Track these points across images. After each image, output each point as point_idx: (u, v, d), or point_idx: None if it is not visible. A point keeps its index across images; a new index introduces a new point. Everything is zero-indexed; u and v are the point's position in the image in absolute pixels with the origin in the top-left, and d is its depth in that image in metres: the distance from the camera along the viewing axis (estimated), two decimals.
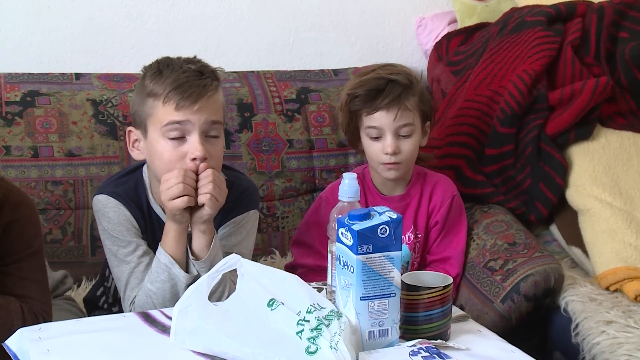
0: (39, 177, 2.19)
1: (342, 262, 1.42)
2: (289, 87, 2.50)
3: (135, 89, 1.80)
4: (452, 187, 2.09)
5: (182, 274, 1.72)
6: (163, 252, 1.72)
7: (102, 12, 2.46)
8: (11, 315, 1.55)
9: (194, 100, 1.69)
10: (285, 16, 2.65)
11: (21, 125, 2.20)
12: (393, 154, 1.94)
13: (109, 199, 1.79)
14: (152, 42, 2.48)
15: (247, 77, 2.49)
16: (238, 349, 1.37)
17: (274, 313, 1.39)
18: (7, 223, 1.61)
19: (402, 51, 2.78)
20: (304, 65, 2.65)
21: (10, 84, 2.25)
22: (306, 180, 2.44)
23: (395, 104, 1.93)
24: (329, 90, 2.53)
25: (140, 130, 1.74)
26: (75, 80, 2.33)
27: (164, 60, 1.76)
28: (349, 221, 1.41)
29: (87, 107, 2.27)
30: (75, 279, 2.10)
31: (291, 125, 2.44)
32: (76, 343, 1.42)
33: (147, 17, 2.50)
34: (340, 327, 1.36)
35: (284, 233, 2.42)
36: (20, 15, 2.38)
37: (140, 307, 1.73)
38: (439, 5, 2.80)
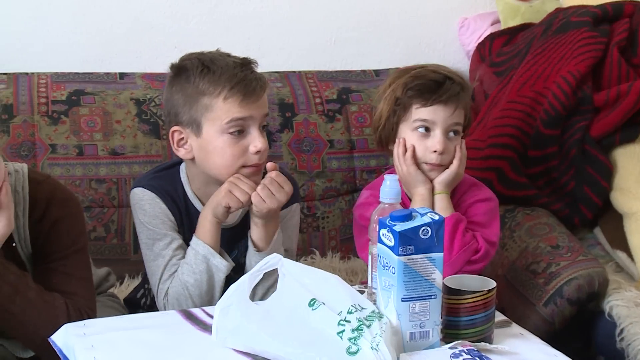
0: (83, 175, 2.22)
1: (383, 263, 1.42)
2: (330, 87, 2.50)
3: (173, 87, 1.78)
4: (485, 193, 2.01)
5: (223, 262, 1.73)
6: (201, 243, 1.74)
7: (146, 13, 2.48)
8: (56, 311, 1.57)
9: (257, 96, 1.73)
10: (327, 16, 2.65)
11: (67, 124, 2.23)
12: (442, 152, 1.86)
13: (145, 192, 1.81)
14: (194, 42, 2.49)
15: (289, 77, 2.50)
16: (279, 348, 1.37)
17: (315, 313, 1.39)
18: (54, 221, 1.64)
19: (444, 52, 2.76)
20: (345, 66, 2.65)
21: (57, 83, 2.28)
22: (347, 180, 2.44)
23: (453, 101, 1.86)
24: (370, 91, 2.52)
25: (190, 128, 1.75)
26: (120, 79, 2.36)
27: (203, 57, 1.77)
28: (391, 222, 1.40)
29: (131, 106, 2.30)
30: (118, 276, 2.12)
31: (332, 126, 2.44)
32: (120, 339, 1.44)
33: (190, 17, 2.52)
34: (381, 328, 1.36)
35: (324, 233, 2.42)
36: (67, 16, 2.42)
37: (175, 299, 1.75)
38: (482, 5, 2.78)
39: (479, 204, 1.91)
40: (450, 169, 1.87)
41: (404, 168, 1.88)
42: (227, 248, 1.79)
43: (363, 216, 1.87)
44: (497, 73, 2.54)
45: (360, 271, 2.30)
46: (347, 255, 2.41)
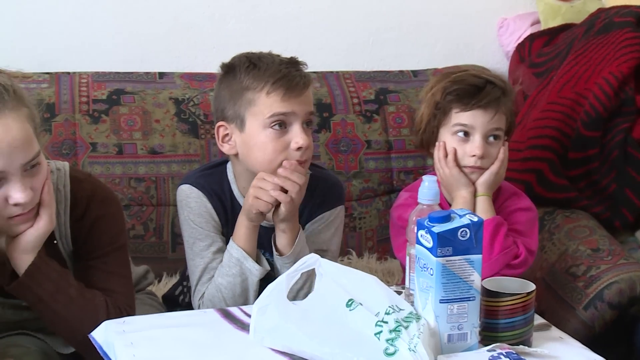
0: (122, 174, 2.24)
1: (421, 264, 1.41)
2: (368, 87, 2.50)
3: (221, 84, 1.81)
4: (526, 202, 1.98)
5: (256, 267, 1.74)
6: (235, 246, 1.75)
7: (186, 13, 2.50)
8: (96, 308, 1.58)
9: (299, 92, 1.73)
10: (365, 17, 2.65)
11: (107, 123, 2.25)
12: (480, 157, 1.86)
13: (192, 189, 1.82)
14: (233, 42, 2.51)
15: (327, 77, 2.50)
16: (316, 348, 1.37)
17: (352, 313, 1.39)
18: (94, 219, 1.65)
19: (483, 52, 2.74)
20: (384, 66, 2.64)
21: (98, 82, 2.31)
22: (384, 181, 2.44)
23: (493, 105, 1.85)
24: (408, 91, 2.51)
25: (235, 124, 1.77)
26: (159, 79, 2.37)
27: (251, 55, 1.79)
28: (429, 223, 1.40)
29: (170, 105, 2.31)
30: (156, 274, 2.13)
31: (369, 126, 2.44)
32: (158, 337, 1.45)
33: (229, 17, 2.54)
34: (419, 330, 1.35)
35: (360, 234, 2.42)
36: (109, 16, 2.44)
37: (209, 301, 1.76)
38: (522, 5, 2.75)
39: (520, 212, 1.91)
40: (490, 169, 1.86)
41: (446, 171, 1.87)
42: (270, 246, 1.80)
43: (401, 217, 1.86)
44: (537, 74, 2.52)
45: (397, 272, 2.29)
46: (383, 256, 2.41)
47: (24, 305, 1.62)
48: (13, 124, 1.48)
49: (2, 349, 1.61)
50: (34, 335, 1.69)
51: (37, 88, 2.22)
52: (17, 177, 1.49)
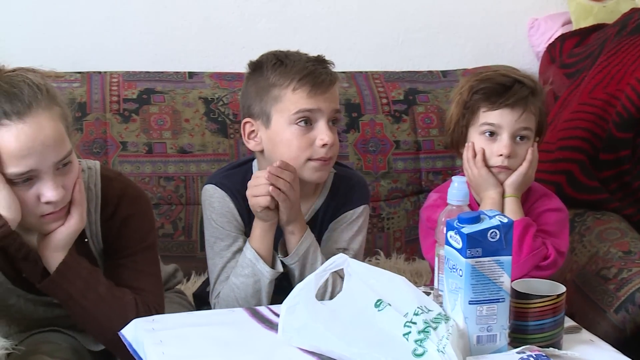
0: (152, 173, 2.26)
1: (450, 265, 1.41)
2: (397, 87, 2.49)
3: (248, 82, 1.82)
4: (556, 203, 1.96)
5: (267, 269, 1.74)
6: (249, 247, 1.76)
7: (216, 13, 2.51)
8: (126, 306, 1.59)
9: (325, 89, 1.74)
10: (394, 17, 2.64)
11: (137, 122, 2.27)
12: (507, 156, 1.85)
13: (216, 189, 1.83)
14: (262, 42, 2.50)
15: (356, 77, 2.50)
16: (345, 348, 1.37)
17: (381, 314, 1.39)
18: (124, 217, 1.66)
19: (513, 53, 2.73)
20: (413, 66, 2.63)
21: (128, 81, 2.32)
22: (412, 181, 2.43)
23: (521, 104, 1.84)
24: (438, 92, 2.51)
25: (261, 120, 1.78)
26: (189, 79, 2.39)
27: (279, 53, 1.81)
28: (459, 224, 1.39)
29: (199, 105, 2.32)
30: (185, 273, 2.14)
31: (398, 126, 2.43)
32: (187, 335, 1.46)
33: (259, 17, 2.54)
34: (448, 331, 1.35)
35: (389, 234, 2.41)
36: (140, 16, 2.46)
37: (223, 300, 1.77)
38: (553, 6, 2.73)
39: (550, 213, 1.89)
40: (519, 170, 1.85)
41: (475, 171, 1.86)
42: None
43: (430, 218, 1.86)
44: (567, 74, 2.50)
45: (425, 273, 2.28)
46: (411, 256, 2.40)
47: (55, 302, 1.63)
48: (46, 122, 1.50)
49: (34, 346, 1.63)
50: (65, 332, 1.70)
51: (68, 87, 2.24)
52: (49, 176, 1.51)
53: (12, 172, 1.48)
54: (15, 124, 1.47)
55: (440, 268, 1.48)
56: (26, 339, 1.66)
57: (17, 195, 1.49)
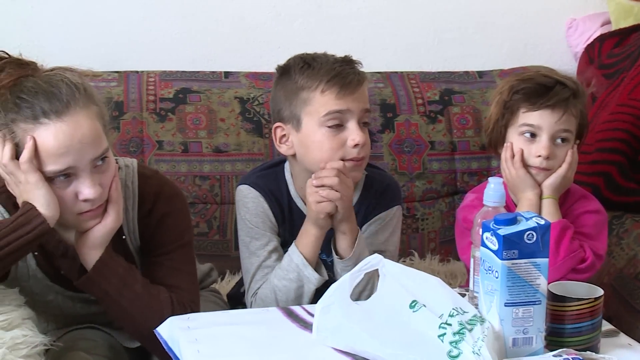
0: (188, 172, 2.27)
1: (486, 267, 1.40)
2: (433, 88, 2.48)
3: (277, 86, 1.83)
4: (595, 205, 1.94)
5: (315, 275, 1.74)
6: (297, 252, 1.76)
7: (251, 13, 2.52)
8: (161, 304, 1.60)
9: (353, 89, 1.74)
10: (430, 17, 2.63)
11: (173, 121, 2.28)
12: (546, 158, 1.83)
13: (250, 190, 1.84)
14: (297, 42, 2.52)
15: (391, 77, 2.49)
16: (379, 348, 1.37)
17: (415, 315, 1.38)
18: (161, 215, 1.68)
19: (551, 53, 2.71)
20: (448, 67, 2.62)
21: (165, 81, 2.34)
22: (447, 182, 2.42)
23: (562, 106, 1.82)
24: (473, 92, 2.49)
25: (291, 124, 1.78)
26: (224, 78, 2.40)
27: (306, 56, 1.81)
28: (495, 225, 1.38)
29: (235, 104, 2.33)
30: (220, 272, 2.15)
31: (433, 127, 2.42)
32: (222, 334, 1.46)
33: (295, 17, 2.55)
34: (483, 333, 1.34)
35: (423, 235, 2.41)
36: (177, 16, 2.48)
37: (261, 300, 1.77)
38: (592, 5, 2.71)
39: (588, 215, 1.87)
40: (557, 172, 1.83)
41: (512, 171, 1.85)
42: (327, 248, 1.80)
43: (466, 219, 1.85)
44: (606, 75, 2.47)
45: (460, 274, 2.27)
46: (446, 257, 2.39)
47: (93, 299, 1.65)
48: (83, 121, 1.51)
49: (72, 342, 1.64)
50: (102, 329, 1.72)
51: (106, 86, 2.26)
52: (86, 173, 1.52)
53: (51, 169, 1.50)
54: (54, 122, 1.49)
55: (476, 269, 1.48)
56: (64, 336, 1.68)
57: (55, 193, 1.51)
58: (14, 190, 1.54)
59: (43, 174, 1.50)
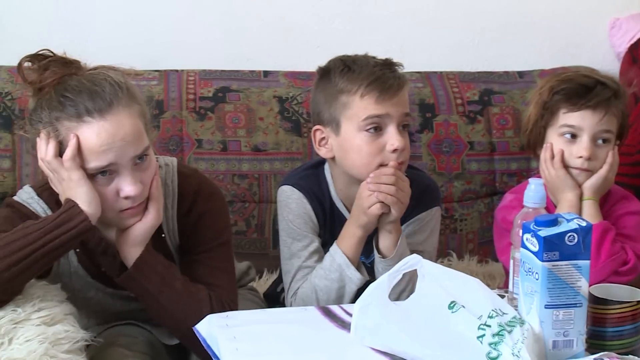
0: (226, 170, 2.28)
1: (526, 268, 1.39)
2: (472, 88, 2.47)
3: (317, 88, 1.83)
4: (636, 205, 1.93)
5: (357, 276, 1.74)
6: (340, 252, 1.76)
7: (291, 12, 2.53)
8: (200, 302, 1.61)
9: (393, 94, 1.73)
10: (471, 17, 2.62)
11: (212, 120, 2.29)
12: (587, 159, 1.82)
13: (293, 190, 1.84)
14: (337, 41, 2.52)
15: (430, 77, 2.48)
16: (418, 349, 1.36)
17: (454, 316, 1.37)
18: (200, 214, 1.69)
19: (593, 53, 2.67)
20: (488, 67, 2.60)
21: (205, 80, 2.35)
22: (486, 183, 2.41)
23: (603, 106, 1.81)
24: (513, 93, 2.47)
25: (331, 127, 1.78)
26: (264, 77, 2.40)
27: (346, 58, 1.81)
28: (535, 227, 1.37)
29: (274, 103, 2.34)
30: (257, 271, 2.16)
31: (473, 127, 2.41)
32: (260, 332, 1.47)
33: (334, 16, 2.55)
34: (523, 335, 1.33)
35: (461, 236, 2.39)
36: (216, 15, 2.49)
37: (301, 300, 1.78)
38: (637, 5, 2.67)
39: (630, 216, 1.85)
40: (598, 173, 1.81)
41: (552, 172, 1.83)
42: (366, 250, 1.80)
43: (505, 219, 1.84)
44: None
45: (498, 275, 2.26)
46: (484, 258, 2.38)
47: (132, 296, 1.66)
48: (125, 120, 1.53)
49: (112, 338, 1.66)
50: (141, 325, 1.74)
51: (147, 85, 2.28)
52: (127, 170, 1.54)
53: (93, 166, 1.52)
54: (97, 121, 1.51)
55: (516, 271, 1.47)
56: (104, 332, 1.70)
57: (97, 191, 1.53)
58: (57, 188, 1.56)
59: (85, 171, 1.52)
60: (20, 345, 1.46)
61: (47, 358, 1.45)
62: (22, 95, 2.13)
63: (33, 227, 1.50)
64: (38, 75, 1.54)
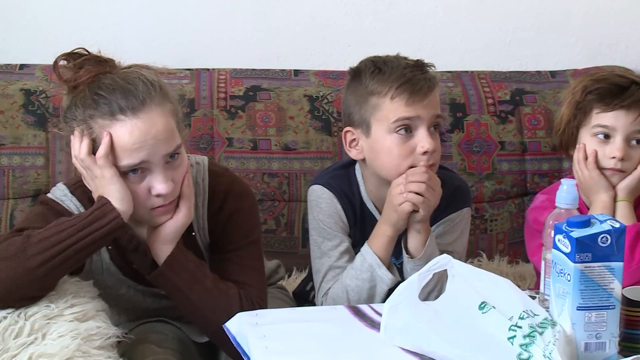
0: (256, 169, 2.28)
1: (557, 269, 1.38)
2: (504, 88, 2.45)
3: (348, 89, 1.83)
4: None
5: (389, 276, 1.74)
6: (370, 252, 1.76)
7: (322, 11, 2.53)
8: (230, 300, 1.62)
9: (423, 95, 1.73)
10: (503, 16, 2.60)
11: (243, 119, 2.30)
12: (621, 159, 1.80)
13: (324, 190, 1.84)
14: (368, 40, 2.52)
15: (461, 77, 2.47)
16: (448, 349, 1.36)
17: (485, 316, 1.36)
18: (231, 212, 1.70)
19: (627, 53, 2.64)
20: (520, 66, 2.59)
21: (235, 78, 2.36)
22: (517, 183, 2.39)
23: (637, 106, 1.78)
24: (545, 93, 2.45)
25: (361, 129, 1.78)
26: (294, 76, 2.40)
27: (377, 59, 1.80)
28: (567, 228, 1.36)
29: (304, 102, 2.34)
30: (287, 269, 2.17)
31: (504, 127, 2.39)
32: (290, 331, 1.47)
33: (365, 15, 2.54)
34: (555, 336, 1.32)
35: (491, 236, 2.38)
36: (247, 14, 2.50)
37: (332, 300, 1.78)
38: None
39: None
40: (633, 174, 1.79)
41: (585, 173, 1.82)
42: (396, 251, 1.80)
43: (537, 220, 1.82)
44: None
45: (529, 276, 2.24)
46: (515, 259, 2.36)
47: (163, 294, 1.68)
48: (158, 118, 1.54)
49: (143, 335, 1.68)
50: (172, 323, 1.75)
51: (178, 84, 2.29)
52: (159, 168, 1.55)
53: (125, 164, 1.53)
54: (130, 119, 1.52)
55: (547, 272, 1.45)
56: (135, 328, 1.72)
57: (129, 189, 1.54)
58: (90, 185, 1.58)
59: (118, 169, 1.53)
60: (53, 341, 1.48)
61: (79, 354, 1.47)
62: (57, 93, 2.14)
63: (66, 224, 1.51)
64: (73, 74, 1.55)
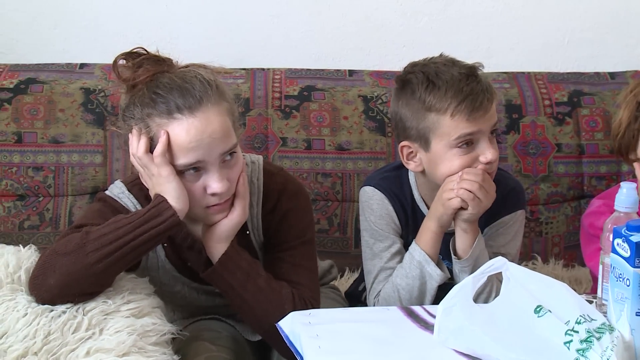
0: (310, 169, 2.29)
1: (616, 274, 1.35)
2: (561, 89, 2.42)
3: (399, 101, 1.79)
4: None
5: (437, 272, 1.73)
6: (418, 249, 1.75)
7: (377, 11, 2.53)
8: (283, 299, 1.62)
9: (484, 111, 1.71)
10: (561, 16, 2.57)
11: (297, 119, 2.31)
12: None
13: (375, 192, 1.84)
14: (423, 40, 2.51)
15: (517, 78, 2.44)
16: (502, 353, 1.35)
17: (540, 320, 1.35)
18: (285, 212, 1.70)
19: None
20: (578, 67, 2.55)
21: (290, 78, 2.37)
22: (574, 186, 2.36)
23: None
24: (604, 94, 2.41)
25: (419, 143, 1.76)
26: (349, 76, 2.40)
27: (426, 69, 1.75)
28: (627, 232, 1.34)
29: (358, 102, 2.34)
30: (339, 269, 2.17)
31: (561, 129, 2.36)
32: (342, 331, 1.47)
33: (421, 15, 2.54)
34: (613, 342, 1.30)
35: (547, 239, 2.35)
36: (303, 14, 2.51)
37: (384, 300, 1.78)
38: None
39: None
40: None
41: None
42: (448, 254, 1.79)
43: (593, 225, 1.80)
44: None
45: (585, 280, 2.21)
46: (570, 263, 2.33)
47: (217, 292, 1.69)
48: (214, 117, 1.55)
49: (197, 332, 1.69)
50: (225, 321, 1.76)
51: (234, 83, 2.31)
52: (215, 167, 1.56)
53: (181, 163, 1.55)
54: (187, 118, 1.53)
55: (605, 276, 1.43)
56: (189, 325, 1.74)
57: (185, 187, 1.56)
58: (147, 183, 1.60)
59: (174, 167, 1.55)
60: (110, 336, 1.50)
61: (135, 349, 1.49)
62: (115, 92, 2.18)
63: (124, 221, 1.53)
64: (132, 73, 1.57)
